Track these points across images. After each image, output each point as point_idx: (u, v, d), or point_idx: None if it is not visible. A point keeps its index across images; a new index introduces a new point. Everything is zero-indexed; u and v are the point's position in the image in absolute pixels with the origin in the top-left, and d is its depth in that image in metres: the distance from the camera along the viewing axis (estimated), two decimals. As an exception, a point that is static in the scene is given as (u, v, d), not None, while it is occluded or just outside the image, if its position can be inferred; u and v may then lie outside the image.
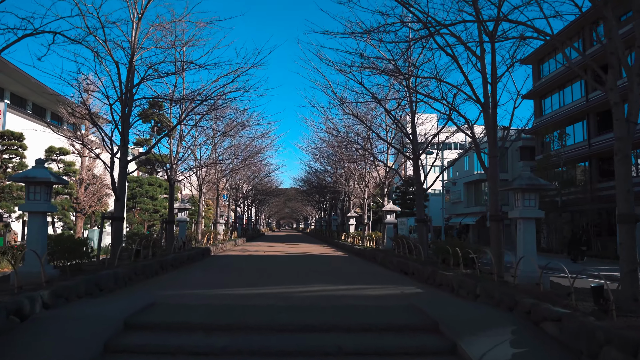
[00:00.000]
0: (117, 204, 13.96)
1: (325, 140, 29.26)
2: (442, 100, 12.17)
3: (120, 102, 13.94)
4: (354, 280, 12.74)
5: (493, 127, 11.19)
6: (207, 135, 23.50)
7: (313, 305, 8.36)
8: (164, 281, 11.99)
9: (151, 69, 14.33)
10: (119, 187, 14.00)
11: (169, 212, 19.51)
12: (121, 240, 13.74)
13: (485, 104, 11.27)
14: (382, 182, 22.98)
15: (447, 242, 13.76)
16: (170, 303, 8.35)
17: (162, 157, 20.24)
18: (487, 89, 11.27)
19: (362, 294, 9.90)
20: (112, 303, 8.20)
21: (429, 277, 12.14)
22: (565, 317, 6.19)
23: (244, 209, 50.61)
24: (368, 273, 14.97)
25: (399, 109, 17.75)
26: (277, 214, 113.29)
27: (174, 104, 15.64)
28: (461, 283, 9.98)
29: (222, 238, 30.44)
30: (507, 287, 8.63)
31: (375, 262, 18.85)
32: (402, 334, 6.63)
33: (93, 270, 10.29)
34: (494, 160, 11.14)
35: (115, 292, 9.98)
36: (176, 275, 13.30)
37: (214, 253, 22.99)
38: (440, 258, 13.32)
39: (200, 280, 12.47)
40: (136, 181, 37.08)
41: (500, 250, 10.82)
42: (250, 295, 9.63)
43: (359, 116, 18.30)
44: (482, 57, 11.35)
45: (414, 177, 17.53)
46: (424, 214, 17.11)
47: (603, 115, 30.11)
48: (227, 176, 31.85)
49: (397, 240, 18.62)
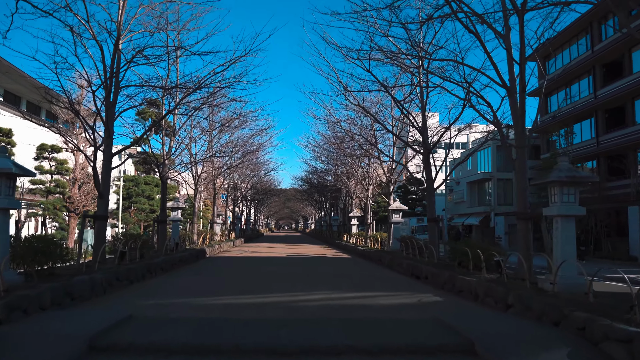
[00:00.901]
0: (100, 202, 12.68)
1: (327, 137, 28.00)
2: (462, 82, 10.87)
3: (104, 89, 12.67)
4: (363, 285, 11.45)
5: (521, 113, 9.92)
6: (202, 129, 22.18)
7: (319, 318, 7.07)
8: (149, 287, 10.70)
9: (139, 54, 13.04)
10: (103, 183, 12.73)
11: (161, 211, 18.25)
12: (104, 241, 12.47)
13: (511, 88, 10.00)
14: (387, 179, 21.71)
15: (465, 242, 12.49)
16: (150, 316, 7.06)
17: (156, 156, 19.00)
18: (514, 71, 10.00)
19: (374, 304, 8.61)
20: (81, 316, 6.92)
21: (446, 283, 10.86)
22: (638, 337, 4.93)
23: (243, 208, 49.30)
24: (376, 277, 13.70)
25: (408, 100, 16.46)
26: (276, 214, 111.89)
27: (165, 94, 14.37)
28: (488, 290, 8.70)
29: (219, 239, 29.14)
30: (546, 296, 7.35)
31: (382, 264, 17.57)
32: (433, 357, 5.35)
33: (68, 275, 8.99)
34: (522, 152, 9.86)
35: (91, 301, 8.68)
36: (164, 280, 12.00)
37: (209, 255, 21.69)
38: (457, 261, 12.03)
39: (190, 286, 11.16)
40: (132, 180, 35.90)
41: (529, 253, 9.58)
42: (245, 305, 8.35)
43: (364, 107, 17.01)
44: (507, 36, 10.09)
45: (423, 174, 16.26)
46: (435, 214, 15.83)
47: (612, 112, 28.99)
48: (224, 174, 30.52)
49: (406, 241, 17.34)
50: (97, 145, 12.82)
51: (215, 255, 22.53)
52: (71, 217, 28.14)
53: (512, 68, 10.05)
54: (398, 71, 17.16)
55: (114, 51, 12.59)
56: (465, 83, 10.81)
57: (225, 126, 20.93)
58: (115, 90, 12.94)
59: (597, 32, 29.65)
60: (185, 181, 27.84)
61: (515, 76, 9.87)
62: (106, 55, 12.37)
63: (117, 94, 13.06)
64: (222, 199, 41.20)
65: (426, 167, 15.99)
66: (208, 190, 35.96)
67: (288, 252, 24.89)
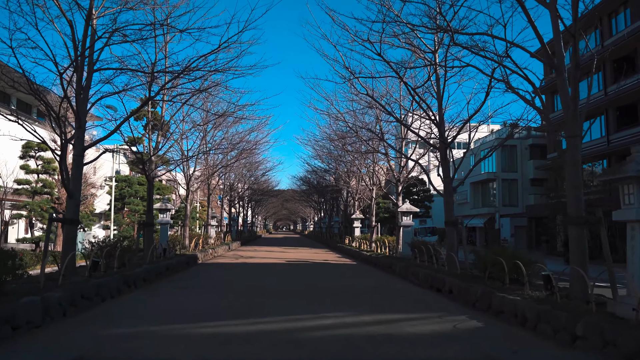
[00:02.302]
0: (69, 203, 10.83)
1: (328, 132, 26.15)
2: (500, 55, 9.04)
3: (75, 71, 10.85)
4: (379, 303, 9.63)
5: (573, 96, 8.14)
6: (194, 122, 20.32)
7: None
8: (122, 307, 8.87)
9: (117, 32, 11.22)
10: (73, 181, 10.89)
11: (147, 213, 16.39)
12: (74, 248, 10.62)
13: (559, 65, 8.23)
14: (396, 178, 19.92)
15: (497, 250, 10.68)
16: (108, 358, 5.25)
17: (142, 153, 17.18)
18: (561, 45, 8.23)
19: (400, 333, 6.77)
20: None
21: (478, 300, 9.06)
22: None
23: (239, 209, 47.43)
24: (391, 290, 11.90)
25: (424, 90, 14.66)
26: (274, 215, 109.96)
27: (151, 80, 12.53)
28: (542, 315, 6.92)
29: (213, 242, 27.30)
30: (630, 327, 5.58)
31: (393, 273, 15.77)
32: None
33: (16, 295, 7.18)
34: (575, 142, 8.06)
35: (42, 328, 6.85)
36: (142, 297, 10.16)
37: (201, 260, 19.85)
38: (486, 272, 10.25)
39: (171, 305, 9.31)
40: (125, 180, 34.27)
41: (585, 265, 7.80)
42: (236, 336, 6.53)
43: (372, 97, 15.20)
44: (553, 3, 8.33)
45: (439, 171, 14.47)
46: (453, 216, 14.05)
47: (623, 110, 27.36)
48: (219, 173, 28.67)
49: (419, 247, 15.55)
50: (66, 137, 11.02)
51: (208, 261, 20.70)
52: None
53: (558, 39, 8.29)
54: (411, 58, 15.40)
55: (86, 24, 10.74)
56: (499, 57, 9.01)
57: (219, 117, 19.06)
58: (89, 73, 11.14)
59: (607, 26, 28.14)
60: (178, 182, 25.97)
61: (564, 49, 8.09)
62: (78, 30, 10.56)
63: (91, 76, 11.25)
64: (219, 200, 39.33)
65: (443, 163, 14.21)
66: (203, 191, 34.16)
67: (287, 257, 23.07)
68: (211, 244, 26.07)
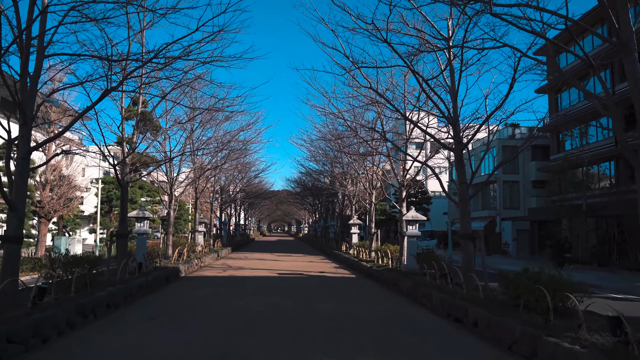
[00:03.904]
0: (11, 216, 8.82)
1: (324, 132, 24.25)
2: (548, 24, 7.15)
3: (19, 54, 8.89)
4: (393, 345, 7.73)
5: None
6: (176, 118, 18.35)
7: None
8: (63, 352, 6.92)
9: (75, 9, 9.25)
10: (16, 189, 8.92)
11: (120, 223, 14.43)
12: (16, 273, 8.64)
13: (628, 43, 6.38)
14: (400, 182, 18.03)
15: (532, 274, 8.77)
16: None
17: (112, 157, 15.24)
18: (629, 21, 6.38)
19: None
20: None
21: (517, 343, 7.18)
22: None
23: (232, 212, 45.40)
24: (402, 320, 9.99)
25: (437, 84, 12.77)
26: (268, 217, 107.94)
27: (112, 65, 10.60)
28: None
29: (201, 249, 25.32)
30: None
31: (400, 292, 13.89)
32: None
33: None
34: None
35: None
36: (97, 335, 8.17)
37: (185, 274, 17.87)
38: (521, 300, 8.38)
39: (130, 348, 7.31)
40: (113, 183, 32.32)
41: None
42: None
43: (377, 90, 13.31)
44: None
45: (456, 173, 12.63)
46: (470, 228, 12.18)
47: (632, 109, 25.62)
48: (208, 175, 26.66)
49: (429, 262, 13.66)
50: (10, 137, 9.07)
51: (193, 273, 18.71)
52: (42, 223, 24.48)
53: (627, 17, 6.45)
54: (421, 48, 13.54)
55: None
56: (544, 26, 7.14)
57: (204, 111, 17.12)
58: (38, 58, 9.19)
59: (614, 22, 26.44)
60: (161, 186, 23.97)
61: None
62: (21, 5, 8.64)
63: (41, 62, 9.30)
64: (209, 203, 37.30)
65: (458, 165, 12.38)
66: (192, 194, 32.16)
67: (280, 269, 21.12)
68: (198, 252, 24.09)
